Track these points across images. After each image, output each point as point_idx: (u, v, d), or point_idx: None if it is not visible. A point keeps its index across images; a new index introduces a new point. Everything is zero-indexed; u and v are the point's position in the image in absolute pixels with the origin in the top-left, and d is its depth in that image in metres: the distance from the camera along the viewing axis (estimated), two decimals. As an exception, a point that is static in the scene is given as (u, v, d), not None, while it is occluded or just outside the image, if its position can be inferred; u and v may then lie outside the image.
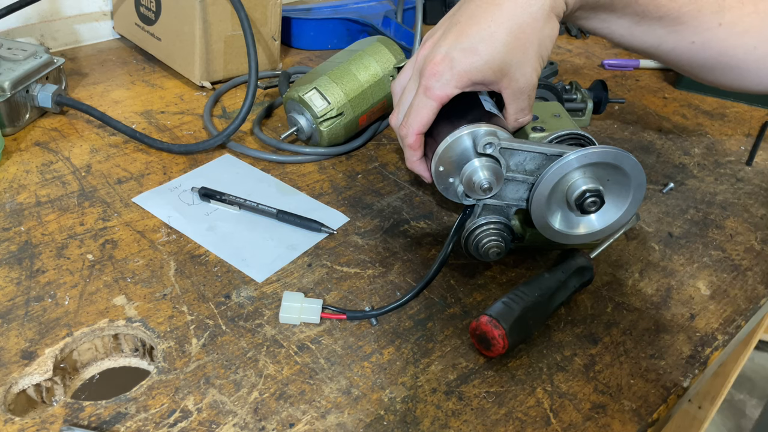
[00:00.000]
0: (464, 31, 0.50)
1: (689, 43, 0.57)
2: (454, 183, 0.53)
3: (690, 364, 0.51)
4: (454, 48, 0.49)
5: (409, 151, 0.54)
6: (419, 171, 0.56)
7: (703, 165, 0.77)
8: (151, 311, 0.51)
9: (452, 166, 0.52)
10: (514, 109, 0.54)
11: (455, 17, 0.51)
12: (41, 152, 0.69)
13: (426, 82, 0.50)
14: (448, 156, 0.51)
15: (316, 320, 0.51)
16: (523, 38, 0.49)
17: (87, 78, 0.84)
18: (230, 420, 0.44)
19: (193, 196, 0.64)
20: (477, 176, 0.50)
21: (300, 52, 0.99)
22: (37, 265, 0.55)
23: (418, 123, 0.52)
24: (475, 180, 0.50)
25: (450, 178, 0.52)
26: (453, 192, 0.54)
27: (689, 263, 0.62)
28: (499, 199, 0.54)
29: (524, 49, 0.50)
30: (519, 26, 0.49)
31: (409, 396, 0.46)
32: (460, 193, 0.53)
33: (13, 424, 0.42)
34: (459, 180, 0.52)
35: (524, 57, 0.50)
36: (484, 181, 0.50)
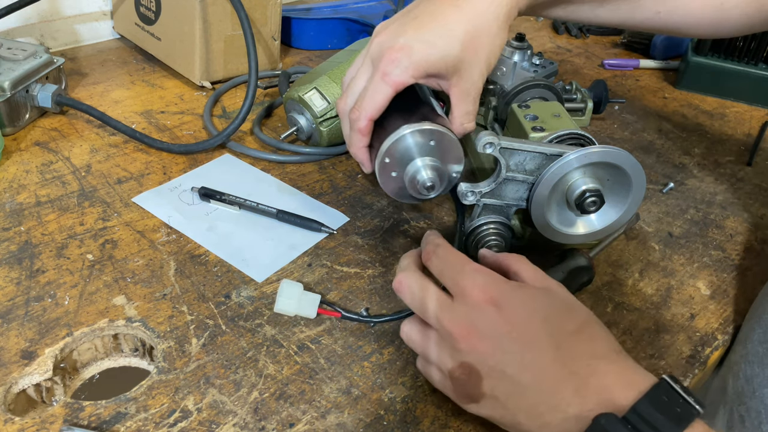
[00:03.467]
0: (424, 25, 0.50)
1: (655, 14, 0.59)
2: (395, 177, 0.52)
3: (690, 363, 0.51)
4: (413, 39, 0.50)
5: (358, 136, 0.53)
6: (361, 158, 0.55)
7: (703, 165, 0.77)
8: (151, 311, 0.51)
9: (397, 160, 0.51)
10: (459, 111, 0.53)
11: (413, 13, 0.52)
12: (41, 152, 0.69)
13: (384, 68, 0.50)
14: (396, 149, 0.51)
15: (312, 314, 0.51)
16: (477, 41, 0.50)
17: (87, 78, 0.84)
18: (230, 420, 0.44)
19: (193, 196, 0.64)
20: (420, 175, 0.50)
21: (300, 52, 0.99)
22: (37, 265, 0.55)
23: (371, 107, 0.51)
24: (418, 179, 0.50)
25: (393, 172, 0.52)
26: (391, 185, 0.53)
27: (689, 263, 0.62)
28: (499, 199, 0.54)
29: (476, 51, 0.51)
30: (475, 29, 0.50)
31: (409, 396, 0.46)
32: (460, 194, 0.53)
33: (13, 424, 0.42)
34: (402, 175, 0.52)
35: (475, 58, 0.51)
36: (427, 180, 0.50)
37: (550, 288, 0.42)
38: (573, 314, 0.40)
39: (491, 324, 0.38)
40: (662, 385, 0.35)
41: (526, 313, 0.39)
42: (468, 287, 0.40)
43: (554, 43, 1.10)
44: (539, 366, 0.37)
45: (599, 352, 0.38)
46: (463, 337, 0.39)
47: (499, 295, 0.39)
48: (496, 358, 0.38)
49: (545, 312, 0.39)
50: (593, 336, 0.39)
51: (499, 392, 0.38)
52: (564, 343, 0.37)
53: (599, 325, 0.40)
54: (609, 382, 0.36)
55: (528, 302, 0.39)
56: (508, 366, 0.38)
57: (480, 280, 0.40)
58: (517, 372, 0.37)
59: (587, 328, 0.39)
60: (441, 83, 0.53)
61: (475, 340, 0.39)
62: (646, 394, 0.35)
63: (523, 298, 0.40)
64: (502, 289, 0.40)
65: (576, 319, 0.39)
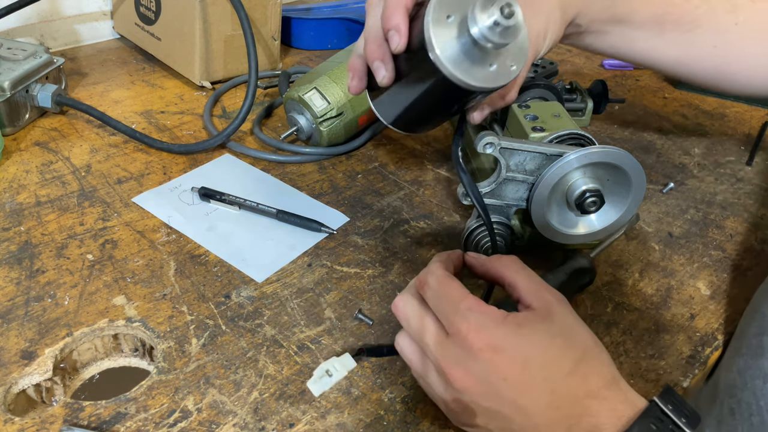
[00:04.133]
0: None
1: (711, 48, 0.56)
2: (451, 22, 0.39)
3: (690, 364, 0.51)
4: None
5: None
6: (397, 21, 0.42)
7: (703, 165, 0.77)
8: (150, 311, 0.51)
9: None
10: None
11: None
12: (41, 152, 0.69)
13: None
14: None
15: (352, 364, 0.48)
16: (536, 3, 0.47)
17: (87, 78, 0.84)
18: (230, 420, 0.44)
19: (193, 196, 0.64)
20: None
21: (300, 52, 0.99)
22: (36, 265, 0.54)
23: None
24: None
25: (449, 15, 0.39)
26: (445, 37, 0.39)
27: (689, 263, 0.62)
28: (500, 199, 0.54)
29: (535, 10, 0.47)
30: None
31: (409, 396, 0.46)
32: (460, 194, 0.53)
33: (13, 424, 0.42)
34: (465, 15, 0.39)
35: (533, 16, 0.47)
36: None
37: (549, 313, 0.39)
38: (570, 348, 0.38)
39: (486, 371, 0.37)
40: (651, 412, 0.35)
41: (523, 359, 0.37)
42: (463, 330, 0.37)
43: (554, 43, 1.10)
44: (533, 411, 0.37)
45: (593, 389, 0.37)
46: (457, 379, 0.38)
47: (495, 340, 0.37)
48: (490, 401, 0.38)
49: (542, 357, 0.37)
50: (587, 373, 0.37)
51: (493, 426, 0.39)
52: (558, 387, 0.37)
53: (595, 355, 0.39)
54: (600, 421, 0.36)
55: (525, 347, 0.37)
56: (502, 408, 0.37)
57: (475, 323, 0.38)
58: (510, 414, 0.37)
59: (582, 365, 0.38)
60: None
61: (469, 383, 0.38)
62: (632, 425, 0.35)
63: (519, 343, 0.37)
64: (498, 334, 0.37)
65: (573, 354, 0.38)
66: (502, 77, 0.40)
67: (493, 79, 0.40)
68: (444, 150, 0.76)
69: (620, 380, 0.38)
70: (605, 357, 0.39)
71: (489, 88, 0.40)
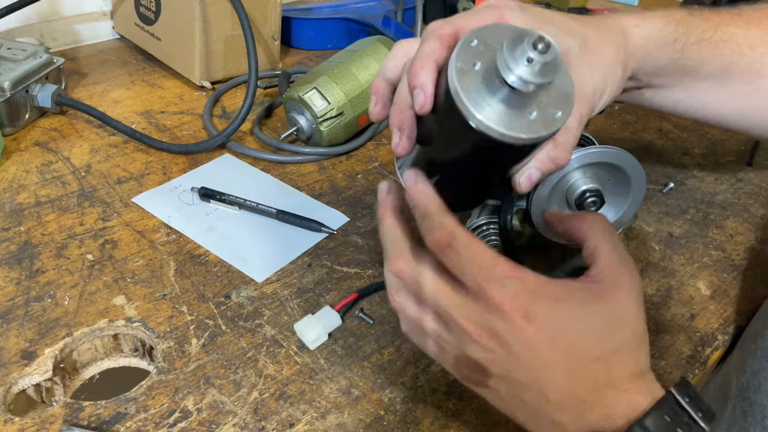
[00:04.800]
0: (541, 10, 0.43)
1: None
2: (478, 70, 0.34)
3: (690, 364, 0.51)
4: (533, 7, 0.42)
5: (433, 43, 0.38)
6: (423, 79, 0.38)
7: (703, 165, 0.77)
8: (150, 311, 0.51)
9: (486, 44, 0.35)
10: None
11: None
12: (41, 152, 0.69)
13: (491, 2, 0.41)
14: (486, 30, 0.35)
15: (338, 322, 0.50)
16: (599, 52, 0.43)
17: (87, 78, 0.84)
18: (230, 420, 0.44)
19: (193, 196, 0.64)
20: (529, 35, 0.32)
21: (300, 52, 0.99)
22: (36, 265, 0.54)
23: (463, 22, 0.39)
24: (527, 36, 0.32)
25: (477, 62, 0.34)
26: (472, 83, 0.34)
27: (689, 263, 0.62)
28: (499, 200, 0.54)
29: (594, 60, 0.43)
30: (600, 38, 0.44)
31: (410, 396, 0.46)
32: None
33: (12, 424, 0.42)
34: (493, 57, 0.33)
35: (594, 66, 0.43)
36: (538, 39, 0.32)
37: (607, 294, 0.37)
38: (608, 338, 0.36)
39: (514, 337, 0.35)
40: (666, 403, 0.34)
41: (553, 333, 0.35)
42: (497, 297, 0.35)
43: (554, 43, 1.10)
44: (549, 387, 0.35)
45: (615, 380, 0.35)
46: (479, 337, 0.36)
47: (531, 308, 0.35)
48: (509, 367, 0.36)
49: (574, 335, 0.35)
50: (615, 363, 0.36)
51: (503, 390, 0.37)
52: (580, 371, 0.35)
53: (632, 349, 0.37)
54: (615, 413, 0.35)
55: (559, 322, 0.35)
56: (521, 376, 0.36)
57: (512, 288, 0.35)
58: (526, 383, 0.36)
59: (614, 355, 0.36)
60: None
61: (492, 344, 0.35)
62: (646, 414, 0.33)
63: (555, 316, 0.35)
64: (535, 301, 0.35)
65: (608, 344, 0.36)
66: (546, 125, 0.33)
67: (534, 128, 0.33)
68: (444, 150, 0.76)
69: (648, 373, 0.37)
70: (643, 351, 0.37)
71: (530, 138, 0.33)
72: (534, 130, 0.33)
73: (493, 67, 0.32)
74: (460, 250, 0.36)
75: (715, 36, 0.51)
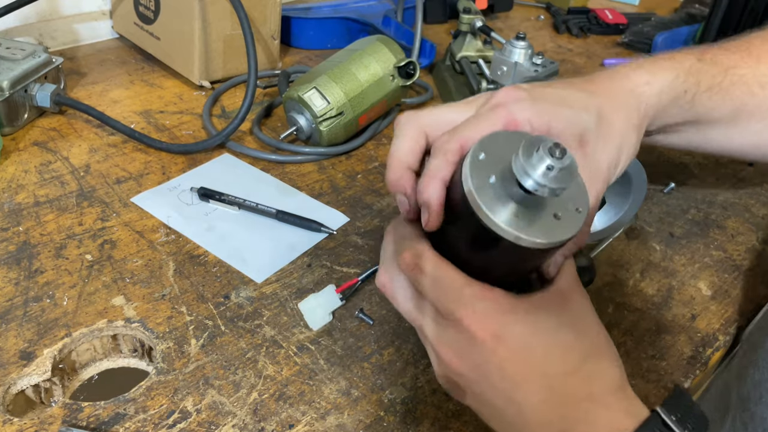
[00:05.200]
0: (554, 84, 0.43)
1: None
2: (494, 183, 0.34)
3: (691, 364, 0.51)
4: (541, 90, 0.42)
5: (438, 161, 0.39)
6: (429, 195, 0.38)
7: (704, 165, 0.77)
8: (149, 312, 0.51)
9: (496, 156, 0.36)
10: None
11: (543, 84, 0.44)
12: (40, 152, 0.69)
13: (499, 99, 0.40)
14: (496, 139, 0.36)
15: (339, 302, 0.52)
16: (613, 124, 0.43)
17: (86, 77, 0.84)
18: (229, 421, 0.43)
19: (193, 196, 0.64)
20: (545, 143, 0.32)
21: (300, 52, 0.98)
22: (35, 265, 0.54)
23: (469, 133, 0.39)
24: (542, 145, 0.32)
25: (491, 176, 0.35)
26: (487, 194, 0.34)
27: (690, 263, 0.61)
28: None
29: (610, 132, 0.42)
30: (613, 113, 0.43)
31: (409, 397, 0.46)
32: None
33: (11, 425, 0.42)
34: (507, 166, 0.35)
35: (607, 139, 0.42)
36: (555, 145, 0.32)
37: (566, 299, 0.37)
38: (579, 343, 0.36)
39: (484, 358, 0.35)
40: (651, 424, 0.33)
41: (525, 349, 0.35)
42: (465, 319, 0.35)
43: (555, 43, 1.10)
44: (526, 406, 0.35)
45: (595, 392, 0.35)
46: (451, 362, 0.36)
47: (500, 328, 0.35)
48: (482, 388, 0.36)
49: (546, 347, 0.35)
50: (592, 374, 0.35)
51: (482, 410, 0.37)
52: (558, 385, 0.35)
53: (605, 354, 0.37)
54: (596, 430, 0.34)
55: (529, 336, 0.35)
56: (495, 399, 0.36)
57: (480, 310, 0.35)
58: (502, 405, 0.36)
59: (589, 364, 0.36)
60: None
61: (464, 368, 0.36)
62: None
63: (524, 331, 0.35)
64: (503, 321, 0.35)
65: (580, 350, 0.36)
66: (572, 225, 0.34)
67: (563, 230, 0.34)
68: (444, 150, 0.75)
69: (627, 386, 0.36)
70: (615, 358, 0.37)
71: (562, 240, 0.34)
72: (564, 232, 0.34)
73: (510, 177, 0.33)
74: (429, 273, 0.36)
75: (725, 81, 0.50)
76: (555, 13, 1.19)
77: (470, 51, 0.89)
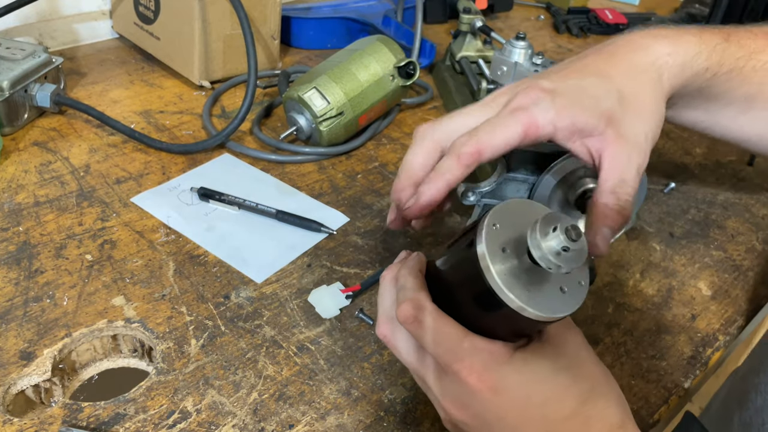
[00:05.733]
0: (571, 74, 0.42)
1: None
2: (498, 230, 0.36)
3: (691, 364, 0.51)
4: (559, 83, 0.41)
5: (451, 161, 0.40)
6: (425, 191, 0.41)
7: (704, 165, 0.77)
8: (149, 312, 0.51)
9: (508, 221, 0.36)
10: (613, 177, 0.41)
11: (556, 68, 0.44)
12: (40, 152, 0.69)
13: (519, 102, 0.40)
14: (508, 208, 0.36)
15: (345, 302, 0.53)
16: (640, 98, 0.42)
17: (86, 77, 0.84)
18: (229, 421, 0.43)
19: (192, 196, 0.64)
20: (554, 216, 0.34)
21: (300, 52, 0.98)
22: (35, 265, 0.54)
23: (487, 138, 0.39)
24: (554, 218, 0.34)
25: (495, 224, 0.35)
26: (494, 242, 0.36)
27: (690, 263, 0.61)
28: (500, 199, 0.54)
29: (639, 108, 0.42)
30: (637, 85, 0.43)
31: (410, 397, 0.46)
32: (460, 194, 0.53)
33: (11, 425, 0.42)
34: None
35: (638, 115, 0.42)
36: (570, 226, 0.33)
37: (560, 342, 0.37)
38: (576, 385, 0.36)
39: (485, 408, 0.36)
40: None
41: (523, 398, 0.35)
42: (464, 372, 0.35)
43: (555, 43, 1.10)
44: None
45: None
46: (453, 412, 0.37)
47: (498, 380, 0.35)
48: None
49: (544, 394, 0.35)
50: (591, 416, 0.35)
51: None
52: (557, 431, 0.35)
53: (603, 394, 0.36)
54: None
55: (527, 385, 0.35)
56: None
57: (477, 364, 0.35)
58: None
59: (587, 406, 0.35)
60: (591, 143, 0.42)
61: (466, 418, 0.37)
62: None
63: (522, 380, 0.35)
64: (501, 372, 0.35)
65: (578, 392, 0.36)
66: (575, 299, 0.35)
67: (566, 304, 0.35)
68: (444, 150, 0.75)
69: (629, 424, 0.36)
70: (615, 396, 0.37)
71: (565, 315, 0.35)
72: (568, 306, 0.35)
73: (522, 248, 0.34)
74: (428, 325, 0.36)
75: (747, 65, 0.49)
76: (555, 13, 1.19)
77: (470, 51, 0.89)
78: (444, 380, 0.37)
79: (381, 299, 0.41)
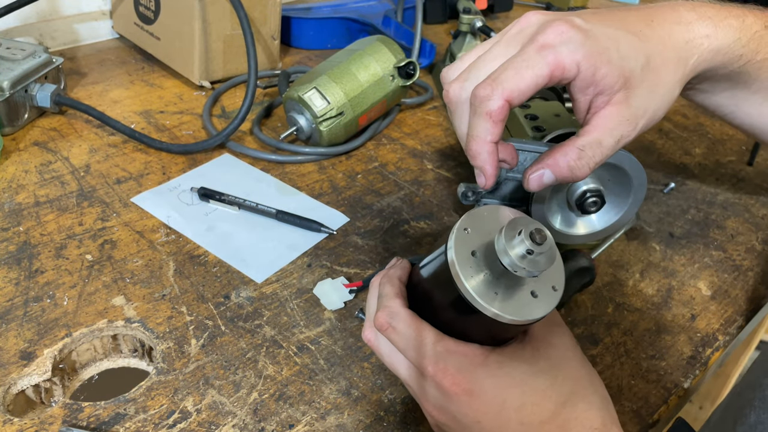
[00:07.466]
0: (608, 20, 0.40)
1: None
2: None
3: (691, 364, 0.51)
4: (595, 25, 0.39)
5: (485, 123, 0.37)
6: (482, 162, 0.39)
7: (704, 165, 0.77)
8: (150, 312, 0.51)
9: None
10: (596, 133, 0.40)
11: (592, 10, 0.42)
12: (40, 152, 0.69)
13: (546, 39, 0.37)
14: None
15: (349, 296, 0.54)
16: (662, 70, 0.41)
17: (86, 78, 0.84)
18: (229, 421, 0.43)
19: (193, 196, 0.64)
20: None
21: (300, 52, 0.98)
22: (35, 265, 0.54)
23: (513, 84, 0.37)
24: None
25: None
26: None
27: (690, 263, 0.61)
28: (500, 199, 0.54)
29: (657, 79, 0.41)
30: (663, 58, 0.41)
31: (410, 397, 0.46)
32: (460, 194, 0.53)
33: (12, 425, 0.42)
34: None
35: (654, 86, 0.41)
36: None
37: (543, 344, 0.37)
38: (555, 388, 0.35)
39: (461, 412, 0.36)
40: None
41: (499, 402, 0.35)
42: (438, 375, 0.35)
43: (554, 43, 1.10)
44: None
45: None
46: (435, 415, 0.37)
47: (472, 383, 0.35)
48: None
49: (520, 398, 0.35)
50: (570, 420, 0.35)
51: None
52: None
53: (585, 396, 0.36)
54: None
55: (502, 389, 0.35)
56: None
57: (451, 367, 0.35)
58: None
59: (566, 409, 0.35)
60: (597, 100, 0.40)
61: (445, 419, 0.37)
62: None
63: (497, 383, 0.35)
64: (475, 375, 0.35)
65: (557, 395, 0.35)
66: (547, 303, 0.35)
67: (538, 308, 0.35)
68: (444, 150, 0.76)
69: (611, 426, 0.35)
70: (597, 398, 0.36)
71: (536, 318, 0.35)
72: (540, 309, 0.35)
73: (492, 254, 0.34)
74: (401, 331, 0.37)
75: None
76: (555, 13, 1.19)
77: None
78: (423, 384, 0.37)
79: (368, 305, 0.42)
